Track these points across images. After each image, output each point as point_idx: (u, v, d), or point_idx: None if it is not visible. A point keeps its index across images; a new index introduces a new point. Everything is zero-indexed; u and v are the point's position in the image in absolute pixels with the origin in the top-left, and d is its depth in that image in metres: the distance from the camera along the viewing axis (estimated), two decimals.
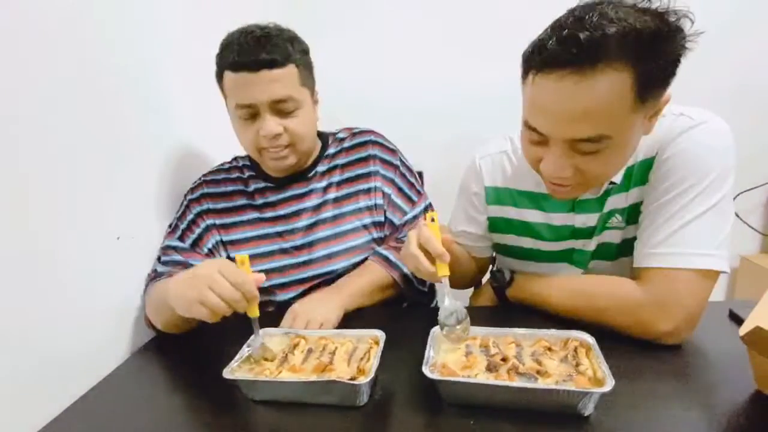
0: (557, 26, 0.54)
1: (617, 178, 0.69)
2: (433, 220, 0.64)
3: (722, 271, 0.61)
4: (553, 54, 0.53)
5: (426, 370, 0.53)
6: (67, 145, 0.66)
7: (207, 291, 0.57)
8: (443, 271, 0.61)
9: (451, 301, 0.61)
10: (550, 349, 0.58)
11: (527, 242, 0.82)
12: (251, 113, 0.77)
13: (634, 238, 0.69)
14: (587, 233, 0.75)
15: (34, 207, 0.61)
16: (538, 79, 0.57)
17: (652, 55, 0.51)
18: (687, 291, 0.60)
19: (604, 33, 0.50)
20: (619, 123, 0.55)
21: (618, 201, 0.71)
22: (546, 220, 0.78)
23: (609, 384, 0.47)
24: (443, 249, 0.60)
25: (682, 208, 0.62)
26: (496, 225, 0.85)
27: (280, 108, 0.77)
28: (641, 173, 0.68)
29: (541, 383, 0.51)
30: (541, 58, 0.55)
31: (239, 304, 0.58)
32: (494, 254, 0.93)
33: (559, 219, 0.77)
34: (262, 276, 0.62)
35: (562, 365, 0.54)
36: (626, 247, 0.72)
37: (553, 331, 0.59)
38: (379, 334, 0.62)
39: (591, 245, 0.75)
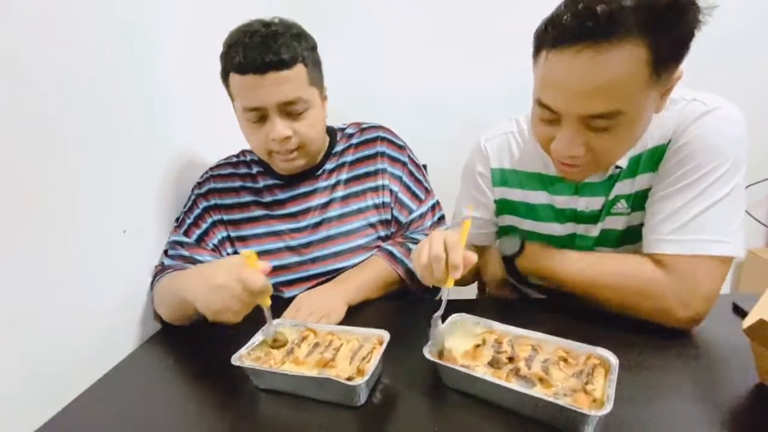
0: (571, 1, 0.53)
1: (623, 162, 0.68)
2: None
3: (737, 256, 0.61)
4: (569, 29, 0.52)
5: (426, 352, 0.54)
6: (73, 140, 0.67)
7: (233, 302, 0.59)
8: (449, 282, 0.58)
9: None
10: (566, 360, 0.54)
11: (530, 225, 0.82)
12: (259, 116, 0.76)
13: (639, 225, 0.68)
14: (590, 218, 0.75)
15: (40, 202, 0.61)
16: (552, 55, 0.55)
17: (667, 27, 0.51)
18: (707, 277, 0.60)
19: (620, 5, 0.49)
20: (634, 98, 0.54)
21: (624, 187, 0.70)
22: (550, 202, 0.78)
23: (605, 409, 0.43)
24: (460, 262, 0.56)
25: (701, 194, 0.61)
26: (499, 207, 0.85)
27: (289, 110, 0.76)
28: (650, 160, 0.67)
29: (536, 391, 0.49)
30: (556, 34, 0.54)
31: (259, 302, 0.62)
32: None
33: (562, 201, 0.77)
34: (269, 265, 0.63)
35: (571, 380, 0.51)
36: (630, 234, 0.72)
37: (577, 344, 0.55)
38: (385, 335, 0.60)
39: (594, 231, 0.75)
